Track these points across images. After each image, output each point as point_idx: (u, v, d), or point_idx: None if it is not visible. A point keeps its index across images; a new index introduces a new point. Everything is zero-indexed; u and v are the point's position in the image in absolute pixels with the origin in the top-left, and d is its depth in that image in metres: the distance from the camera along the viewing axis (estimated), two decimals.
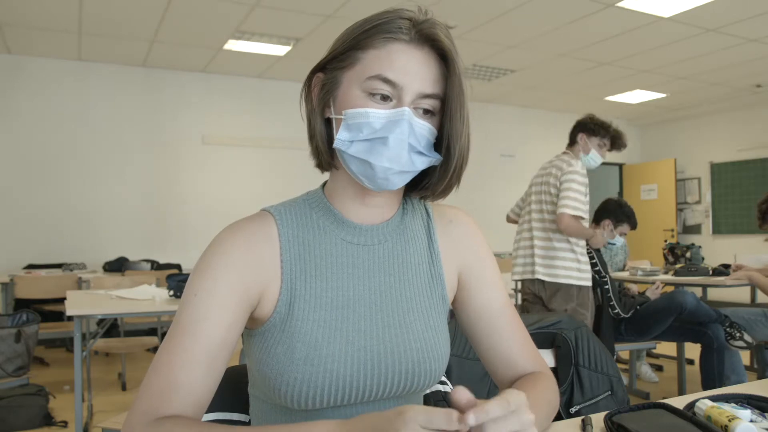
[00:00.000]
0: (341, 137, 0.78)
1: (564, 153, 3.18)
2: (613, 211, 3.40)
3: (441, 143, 0.81)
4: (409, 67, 0.77)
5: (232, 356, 0.78)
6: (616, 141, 3.22)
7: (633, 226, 3.43)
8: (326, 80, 0.81)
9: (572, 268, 2.96)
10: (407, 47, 0.77)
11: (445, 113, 0.80)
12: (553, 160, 3.17)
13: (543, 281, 3.01)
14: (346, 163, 0.80)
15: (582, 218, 2.94)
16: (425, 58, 0.78)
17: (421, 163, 0.80)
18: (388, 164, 0.76)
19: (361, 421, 0.61)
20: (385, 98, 0.77)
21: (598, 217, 3.43)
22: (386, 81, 0.76)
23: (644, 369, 4.11)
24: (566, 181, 2.97)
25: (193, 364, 0.72)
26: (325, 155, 0.83)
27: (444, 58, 0.79)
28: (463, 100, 0.79)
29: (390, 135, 0.76)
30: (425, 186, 0.86)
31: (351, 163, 0.79)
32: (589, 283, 3.00)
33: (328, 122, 0.82)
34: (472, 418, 0.55)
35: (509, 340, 0.89)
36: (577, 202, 2.92)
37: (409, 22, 0.78)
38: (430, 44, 0.79)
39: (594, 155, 3.15)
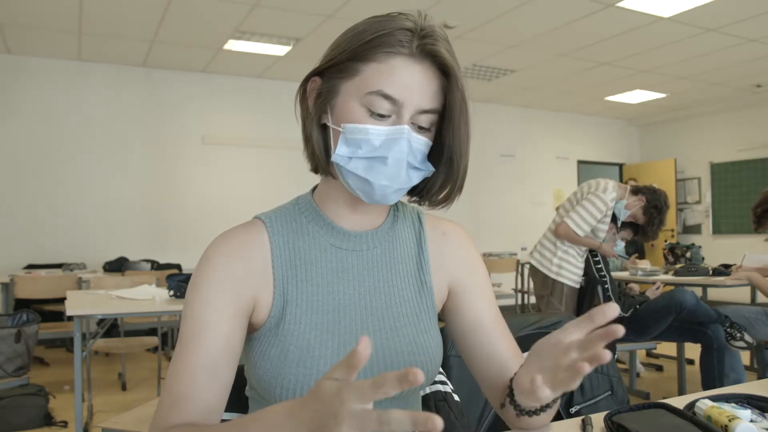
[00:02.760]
0: (340, 152, 0.78)
1: (618, 184, 3.36)
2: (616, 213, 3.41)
3: (440, 155, 0.82)
4: (409, 82, 0.76)
5: (237, 362, 0.79)
6: (644, 232, 3.36)
7: (635, 232, 3.44)
8: (323, 88, 0.80)
9: (553, 262, 3.32)
10: (408, 62, 0.77)
11: (447, 127, 0.80)
12: (605, 179, 3.36)
13: (532, 265, 3.47)
14: (343, 177, 0.80)
15: (578, 234, 3.24)
16: (425, 71, 0.78)
17: (416, 178, 0.81)
18: (386, 182, 0.77)
19: (309, 402, 0.56)
20: (383, 117, 0.77)
21: None
22: (386, 96, 0.76)
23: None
24: (587, 200, 3.26)
25: (195, 374, 0.74)
26: (323, 162, 0.83)
27: (445, 72, 0.79)
28: (467, 115, 0.79)
29: (389, 154, 0.76)
30: (422, 194, 0.87)
31: (348, 177, 0.79)
32: (568, 282, 3.29)
33: (323, 128, 0.82)
34: None
35: (504, 347, 0.90)
36: (582, 221, 3.22)
37: (411, 33, 0.77)
38: (431, 58, 0.78)
39: (624, 212, 3.32)
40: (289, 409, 0.59)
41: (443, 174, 0.83)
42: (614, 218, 3.37)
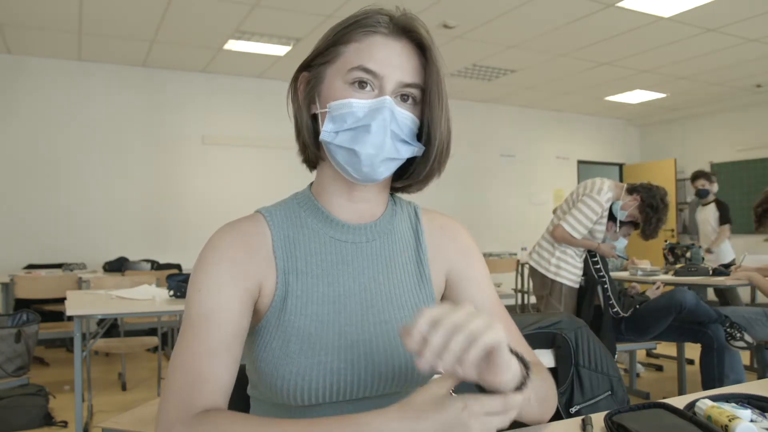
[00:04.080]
0: (326, 129, 0.81)
1: (615, 183, 3.35)
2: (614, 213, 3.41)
3: (422, 132, 0.84)
4: (389, 58, 0.80)
5: (244, 345, 0.79)
6: (642, 231, 3.34)
7: (636, 227, 3.44)
8: (311, 77, 0.85)
9: (551, 262, 3.31)
10: (386, 39, 0.81)
11: (425, 102, 0.83)
12: (601, 179, 3.35)
13: (531, 266, 3.47)
14: (332, 154, 0.82)
15: (574, 237, 3.24)
16: (404, 49, 0.82)
17: (405, 152, 0.83)
18: (372, 150, 0.79)
19: (421, 411, 0.62)
20: (365, 87, 0.80)
21: None
22: (367, 71, 0.79)
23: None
24: (582, 202, 3.26)
25: (214, 353, 0.74)
26: (312, 149, 0.86)
27: (422, 49, 0.82)
28: (441, 88, 0.82)
29: (372, 122, 0.78)
30: (408, 176, 0.89)
31: (337, 153, 0.81)
32: (567, 282, 3.29)
33: (314, 118, 0.85)
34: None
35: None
36: (578, 224, 3.22)
37: (388, 17, 0.82)
38: (408, 36, 0.82)
39: (622, 213, 3.32)
40: (395, 421, 0.62)
41: (425, 150, 0.85)
42: (612, 217, 3.36)
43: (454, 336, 0.58)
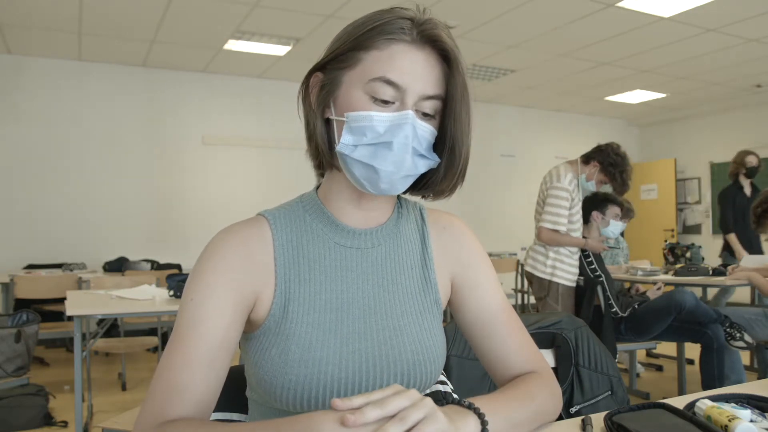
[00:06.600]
0: (345, 141, 0.78)
1: (568, 162, 3.36)
2: (593, 201, 3.41)
3: (443, 144, 0.81)
4: (412, 68, 0.76)
5: (233, 357, 0.78)
6: (620, 189, 3.32)
7: (620, 205, 3.45)
8: (326, 80, 0.80)
9: (546, 264, 3.30)
10: (409, 48, 0.77)
11: (449, 114, 0.79)
12: (556, 167, 3.37)
13: (527, 271, 3.46)
14: (348, 166, 0.80)
15: (559, 232, 3.23)
16: (427, 58, 0.78)
17: (423, 166, 0.80)
18: (392, 168, 0.77)
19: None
20: (386, 98, 0.77)
21: (585, 217, 3.42)
22: (389, 83, 0.76)
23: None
24: (549, 196, 3.30)
25: (193, 365, 0.73)
26: (327, 156, 0.82)
27: (446, 58, 0.79)
28: (468, 101, 0.79)
29: (394, 139, 0.76)
30: (426, 185, 0.86)
31: (354, 167, 0.79)
32: (563, 281, 3.28)
33: (327, 122, 0.82)
34: (339, 404, 0.60)
35: (506, 341, 0.89)
36: (556, 216, 3.23)
37: (410, 22, 0.77)
38: (431, 45, 0.78)
39: (591, 185, 3.32)
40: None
41: (446, 163, 0.82)
42: (593, 206, 3.37)
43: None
